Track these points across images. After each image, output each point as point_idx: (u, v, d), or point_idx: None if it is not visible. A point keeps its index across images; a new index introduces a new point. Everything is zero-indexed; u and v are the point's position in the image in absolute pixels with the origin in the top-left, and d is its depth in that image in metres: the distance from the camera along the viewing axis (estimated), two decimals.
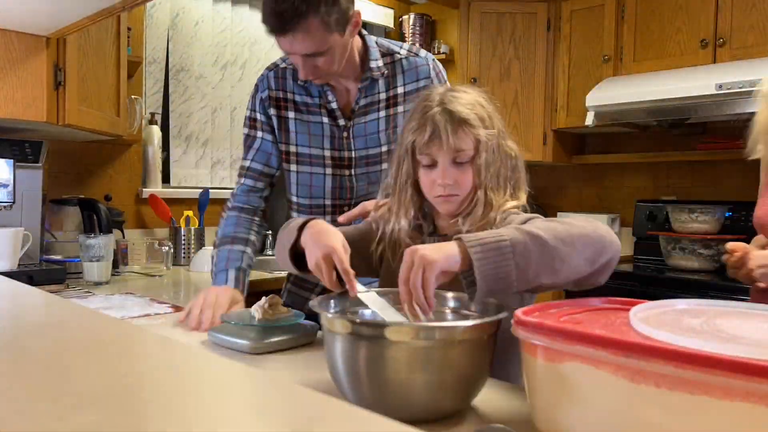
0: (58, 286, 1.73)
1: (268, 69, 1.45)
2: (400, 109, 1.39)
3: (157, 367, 0.55)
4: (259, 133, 1.44)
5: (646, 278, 2.42)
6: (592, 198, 3.19)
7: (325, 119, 1.40)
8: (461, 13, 3.05)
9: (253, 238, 1.42)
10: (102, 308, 1.44)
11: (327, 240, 0.95)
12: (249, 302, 1.86)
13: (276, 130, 1.42)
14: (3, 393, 0.44)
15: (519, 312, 0.68)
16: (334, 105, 1.39)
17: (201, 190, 2.55)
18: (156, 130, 2.50)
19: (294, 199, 1.47)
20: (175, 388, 0.48)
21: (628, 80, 2.65)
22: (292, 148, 1.42)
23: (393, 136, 1.38)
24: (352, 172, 1.41)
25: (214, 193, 2.62)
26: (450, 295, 0.92)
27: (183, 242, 2.40)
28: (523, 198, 1.06)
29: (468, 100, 1.00)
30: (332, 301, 0.91)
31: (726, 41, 2.43)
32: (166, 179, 2.62)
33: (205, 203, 2.53)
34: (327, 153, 1.41)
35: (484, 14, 3.02)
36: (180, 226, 2.42)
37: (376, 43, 1.40)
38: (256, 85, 1.44)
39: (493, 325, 0.76)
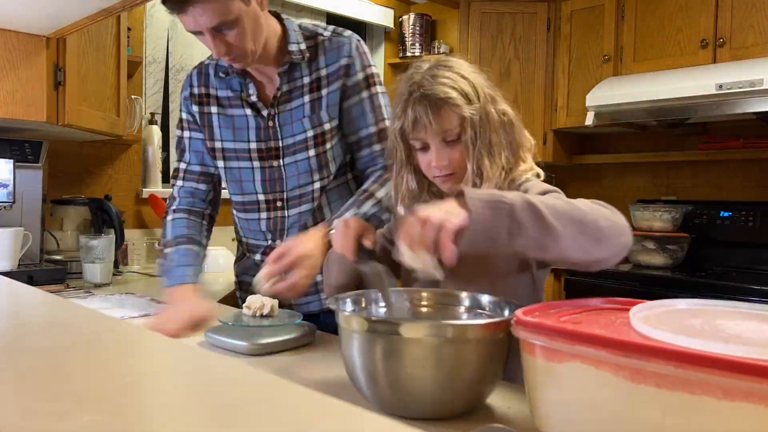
0: (58, 286, 1.73)
1: (194, 67, 1.43)
2: (324, 92, 1.33)
3: (157, 367, 0.55)
4: (187, 133, 1.42)
5: (646, 278, 2.42)
6: (592, 198, 3.18)
7: (248, 111, 1.35)
8: (461, 13, 3.05)
9: (204, 243, 1.40)
10: (102, 308, 1.44)
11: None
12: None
13: (204, 128, 1.40)
14: (3, 393, 0.44)
15: (519, 312, 0.68)
16: (254, 98, 1.34)
17: None
18: (156, 130, 2.50)
19: (230, 196, 1.45)
20: (174, 387, 0.48)
21: (628, 80, 2.65)
22: (218, 144, 1.39)
23: (317, 120, 1.33)
24: (281, 163, 1.36)
25: None
26: (464, 294, 0.93)
27: None
28: (529, 159, 1.04)
29: (449, 78, 0.99)
30: (348, 300, 0.91)
31: (726, 41, 2.43)
32: (166, 179, 2.61)
33: None
34: (253, 146, 1.36)
35: (484, 14, 3.02)
36: None
37: (300, 26, 1.35)
38: (183, 85, 1.43)
39: (506, 324, 0.76)
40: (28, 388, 0.45)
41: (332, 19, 3.13)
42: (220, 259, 2.24)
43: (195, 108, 1.40)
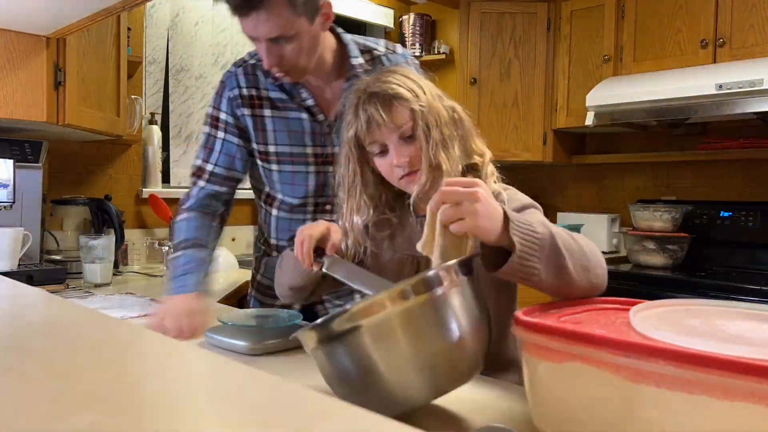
0: (58, 286, 1.73)
1: (236, 65, 1.36)
2: None
3: (157, 367, 0.55)
4: (222, 134, 1.37)
5: (646, 278, 2.42)
6: (592, 198, 3.19)
7: (304, 115, 1.33)
8: (461, 13, 3.05)
9: (213, 245, 1.37)
10: (102, 308, 1.44)
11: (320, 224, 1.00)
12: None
13: (251, 130, 1.34)
14: (3, 393, 0.44)
15: (519, 312, 0.68)
16: (310, 102, 1.32)
17: None
18: (156, 130, 2.50)
19: (279, 196, 1.41)
20: (175, 388, 0.48)
21: (628, 80, 2.65)
22: (272, 148, 1.35)
23: None
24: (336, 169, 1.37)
25: None
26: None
27: None
28: (482, 148, 1.06)
29: (393, 79, 1.01)
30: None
31: (726, 41, 2.43)
32: (166, 179, 2.61)
33: None
34: (309, 150, 1.35)
35: (484, 14, 3.02)
36: None
37: (355, 41, 1.35)
38: (223, 82, 1.36)
39: (461, 269, 0.69)
40: (28, 388, 0.45)
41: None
42: (220, 259, 2.24)
43: (245, 110, 1.33)
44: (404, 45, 3.30)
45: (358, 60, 1.31)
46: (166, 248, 2.24)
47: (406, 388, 0.68)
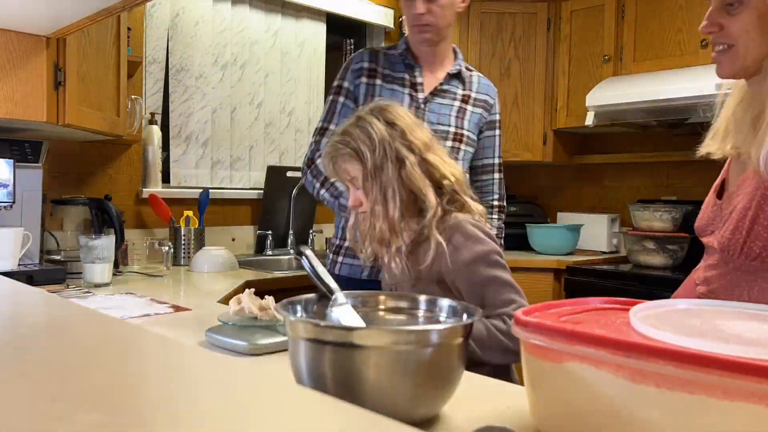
0: (58, 286, 1.73)
1: (365, 49, 1.71)
2: (469, 108, 1.67)
3: (157, 367, 0.55)
4: (342, 99, 1.65)
5: (646, 278, 2.42)
6: (592, 198, 3.19)
7: (407, 91, 1.63)
8: (461, 13, 3.05)
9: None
10: (102, 308, 1.44)
11: None
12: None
13: (363, 96, 1.62)
14: (3, 393, 0.44)
15: (519, 312, 0.68)
16: (419, 79, 1.64)
17: (201, 190, 2.55)
18: (156, 130, 2.49)
19: None
20: (175, 388, 0.48)
21: (628, 80, 2.66)
22: None
23: (460, 123, 1.64)
24: None
25: (214, 193, 2.62)
26: (423, 298, 0.90)
27: (183, 242, 2.40)
28: (446, 174, 1.21)
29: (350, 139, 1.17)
30: (298, 305, 0.86)
31: None
32: (166, 179, 2.61)
33: (205, 203, 2.53)
34: None
35: (484, 14, 3.02)
36: (180, 226, 2.42)
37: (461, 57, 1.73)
38: (351, 59, 1.68)
39: (465, 329, 0.74)
40: (28, 388, 0.45)
41: (332, 19, 3.13)
42: (220, 259, 2.24)
43: (364, 79, 1.64)
44: None
45: (463, 66, 1.70)
46: (166, 248, 2.24)
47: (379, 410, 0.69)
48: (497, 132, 1.73)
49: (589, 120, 2.67)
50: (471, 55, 3.03)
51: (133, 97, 2.29)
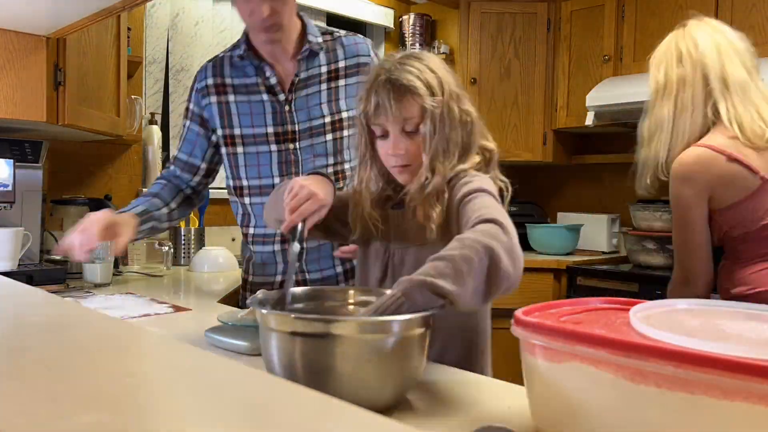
0: (58, 286, 1.73)
1: (209, 61, 1.50)
2: (341, 82, 1.43)
3: (157, 367, 0.55)
4: (188, 122, 1.49)
5: (646, 278, 2.42)
6: (592, 198, 3.19)
7: (265, 96, 1.42)
8: (461, 13, 3.05)
9: (169, 202, 1.46)
10: (102, 308, 1.44)
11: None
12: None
13: (216, 118, 1.44)
14: (3, 393, 0.44)
15: (519, 312, 0.68)
16: (273, 80, 1.42)
17: None
18: (156, 130, 2.49)
19: (245, 183, 1.46)
20: (175, 388, 0.48)
21: (628, 80, 2.66)
22: (237, 131, 1.43)
23: (335, 107, 1.42)
24: (297, 146, 1.42)
25: (214, 193, 2.61)
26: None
27: (183, 242, 2.40)
28: (472, 160, 1.03)
29: (416, 68, 0.99)
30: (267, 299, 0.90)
31: None
32: None
33: (205, 203, 2.53)
34: (270, 129, 1.42)
35: (484, 14, 3.02)
36: (180, 226, 2.42)
37: (317, 25, 1.48)
38: (195, 77, 1.49)
39: (424, 321, 0.76)
40: (28, 388, 0.45)
41: (332, 18, 3.13)
42: (220, 259, 2.24)
43: (213, 98, 1.44)
44: (404, 45, 3.30)
45: (317, 39, 1.43)
46: (166, 248, 2.24)
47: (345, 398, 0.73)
48: None
49: (589, 120, 2.67)
50: (471, 55, 3.03)
51: (133, 97, 2.29)
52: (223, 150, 1.46)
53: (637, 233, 2.60)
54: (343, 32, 1.48)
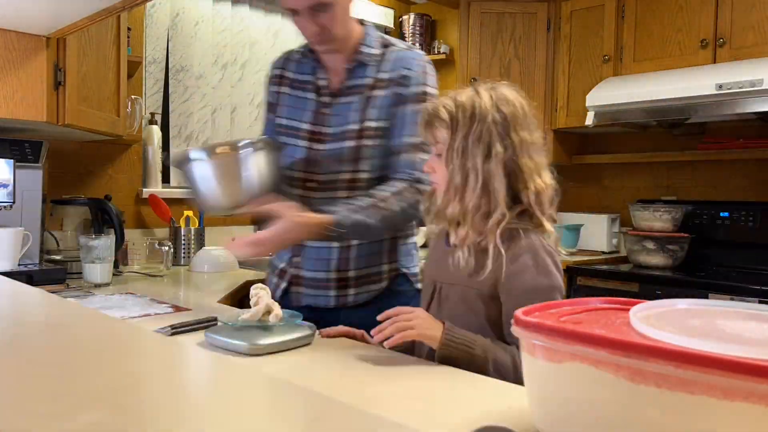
0: (58, 286, 1.73)
1: (283, 53, 1.59)
2: (379, 92, 1.42)
3: (157, 367, 0.55)
4: (265, 112, 1.58)
5: (646, 278, 2.42)
6: (592, 198, 3.19)
7: (311, 95, 1.47)
8: (461, 13, 3.05)
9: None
10: (102, 308, 1.44)
11: None
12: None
13: (276, 106, 1.53)
14: (3, 393, 0.44)
15: (519, 312, 0.68)
16: (322, 82, 1.47)
17: None
18: (156, 130, 2.49)
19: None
20: (175, 388, 0.48)
21: (628, 80, 2.66)
22: (283, 121, 1.50)
23: (365, 115, 1.42)
24: (325, 147, 1.44)
25: None
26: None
27: (183, 242, 2.40)
28: (538, 184, 1.15)
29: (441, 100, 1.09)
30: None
31: (726, 41, 2.43)
32: (166, 179, 2.61)
33: None
34: (305, 126, 1.46)
35: (484, 14, 3.02)
36: (180, 226, 2.42)
37: (381, 36, 1.48)
38: (270, 67, 1.59)
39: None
40: (28, 388, 0.45)
41: None
42: (220, 259, 2.24)
43: (275, 88, 1.54)
44: None
45: (371, 50, 1.44)
46: (166, 248, 2.24)
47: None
48: (408, 108, 1.40)
49: (589, 120, 2.67)
50: (471, 55, 3.03)
51: (133, 97, 2.29)
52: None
53: (637, 233, 2.61)
54: (404, 46, 1.49)
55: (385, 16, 3.29)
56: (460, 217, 1.06)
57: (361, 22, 1.49)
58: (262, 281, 2.09)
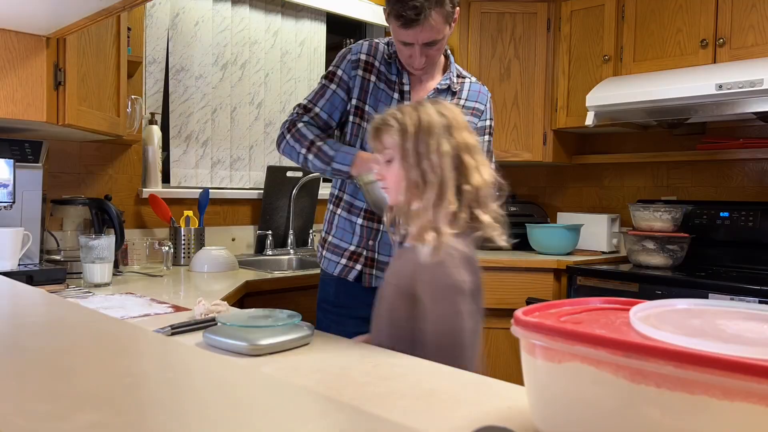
0: (58, 286, 1.73)
1: (364, 40, 1.68)
2: None
3: (157, 367, 0.55)
4: (334, 86, 1.64)
5: (646, 278, 2.42)
6: (592, 198, 3.19)
7: (396, 95, 1.62)
8: (461, 13, 3.05)
9: None
10: (102, 308, 1.44)
11: None
12: (248, 303, 1.85)
13: (357, 89, 1.62)
14: (3, 393, 0.44)
15: (519, 312, 0.68)
16: (407, 87, 1.62)
17: (201, 190, 2.55)
18: (156, 130, 2.50)
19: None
20: (175, 388, 0.48)
21: (628, 80, 2.65)
22: (367, 108, 1.62)
23: None
24: None
25: (214, 193, 2.62)
26: None
27: (183, 242, 2.40)
28: (477, 182, 1.20)
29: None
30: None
31: (726, 41, 2.43)
32: (166, 179, 2.61)
33: (205, 203, 2.53)
34: None
35: (484, 14, 3.02)
36: (180, 226, 2.42)
37: (457, 67, 1.69)
38: (350, 48, 1.66)
39: None
40: (28, 388, 0.45)
41: (332, 18, 3.13)
42: (220, 259, 2.24)
43: (360, 72, 1.63)
44: None
45: (454, 79, 1.65)
46: (166, 248, 2.24)
47: None
48: (486, 138, 1.70)
49: (589, 120, 2.67)
50: (471, 55, 3.03)
51: (133, 97, 2.29)
52: (351, 118, 1.63)
53: (637, 233, 2.60)
54: (474, 78, 1.71)
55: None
56: (421, 213, 1.11)
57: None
58: (263, 282, 2.09)
